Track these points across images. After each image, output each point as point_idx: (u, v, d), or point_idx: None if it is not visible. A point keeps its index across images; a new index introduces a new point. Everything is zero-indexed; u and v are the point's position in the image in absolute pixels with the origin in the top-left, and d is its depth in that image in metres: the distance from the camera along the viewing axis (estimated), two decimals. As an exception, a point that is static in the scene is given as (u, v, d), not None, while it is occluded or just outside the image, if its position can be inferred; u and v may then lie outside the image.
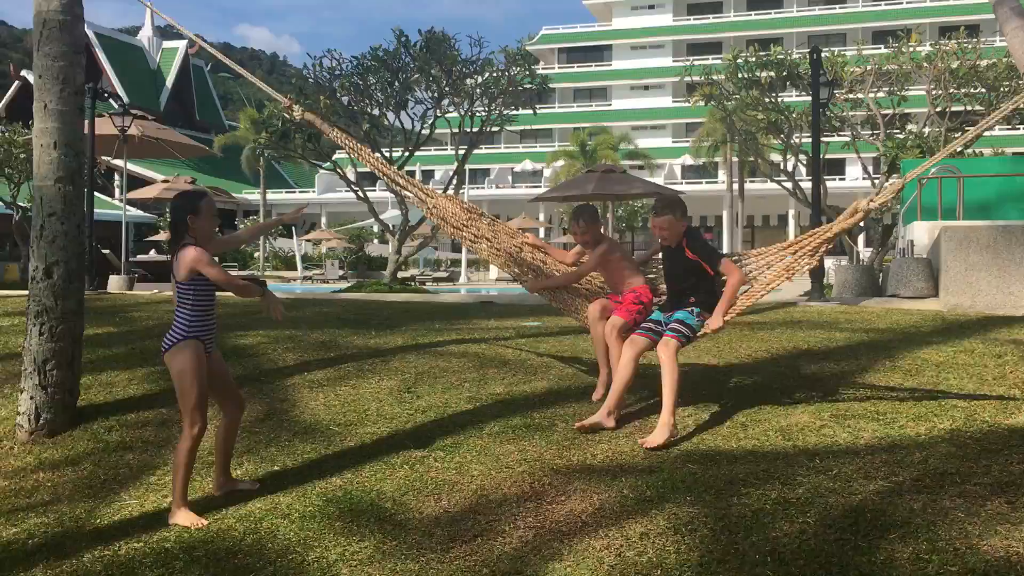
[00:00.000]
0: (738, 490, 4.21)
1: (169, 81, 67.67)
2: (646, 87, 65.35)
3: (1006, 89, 20.74)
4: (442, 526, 4.13)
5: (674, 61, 61.54)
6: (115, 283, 13.57)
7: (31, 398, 5.82)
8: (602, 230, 5.72)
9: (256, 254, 50.96)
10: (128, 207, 47.35)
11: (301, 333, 8.26)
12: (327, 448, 5.25)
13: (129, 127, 14.07)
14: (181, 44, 68.25)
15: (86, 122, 13.51)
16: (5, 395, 6.73)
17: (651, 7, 67.34)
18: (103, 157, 20.47)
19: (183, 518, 4.42)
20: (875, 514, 3.83)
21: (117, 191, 53.06)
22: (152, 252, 28.96)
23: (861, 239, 21.14)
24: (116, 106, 15.20)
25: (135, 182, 43.95)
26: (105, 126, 14.22)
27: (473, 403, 5.87)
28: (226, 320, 9.00)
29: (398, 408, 5.86)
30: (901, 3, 60.73)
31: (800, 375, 6.13)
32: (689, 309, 5.22)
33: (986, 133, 23.00)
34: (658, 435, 4.86)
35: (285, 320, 9.08)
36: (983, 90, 20.14)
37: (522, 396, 5.97)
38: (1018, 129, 36.37)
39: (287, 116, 20.49)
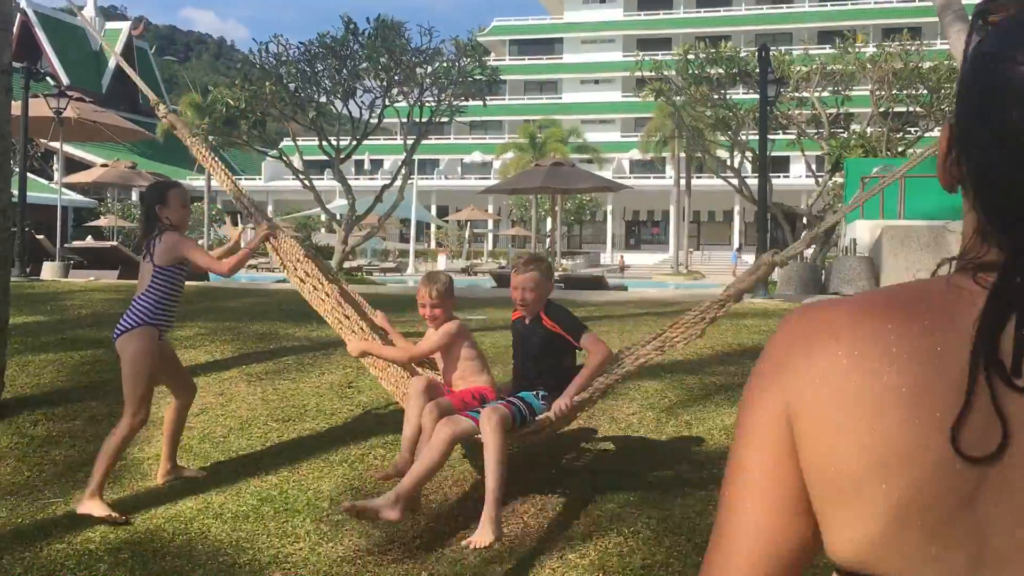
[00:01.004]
0: (682, 491, 4.17)
1: (112, 63, 65.98)
2: (596, 81, 65.62)
3: (947, 91, 21.18)
4: (380, 527, 4.02)
5: (624, 56, 61.83)
6: (49, 270, 13.13)
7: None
8: (454, 306, 4.51)
9: (200, 242, 50.00)
10: (66, 191, 46.04)
11: (241, 324, 8.05)
12: (263, 445, 5.10)
13: (65, 109, 13.62)
14: (124, 25, 66.62)
15: (16, 103, 13.07)
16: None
17: (602, 1, 67.58)
18: (40, 140, 19.85)
19: (96, 508, 4.24)
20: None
21: (56, 174, 51.66)
22: (89, 238, 28.21)
23: (804, 235, 21.46)
24: (53, 86, 14.72)
25: (76, 165, 42.79)
26: (40, 107, 13.74)
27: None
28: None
29: (338, 403, 5.72)
30: (846, 4, 61.84)
31: (744, 372, 6.12)
32: (535, 392, 4.17)
33: (926, 134, 23.51)
34: (482, 534, 3.61)
35: (223, 310, 8.88)
36: (925, 92, 20.54)
37: (466, 392, 5.86)
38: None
39: (231, 103, 20.13)
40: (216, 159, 5.33)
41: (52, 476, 4.90)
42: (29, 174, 41.75)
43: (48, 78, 18.29)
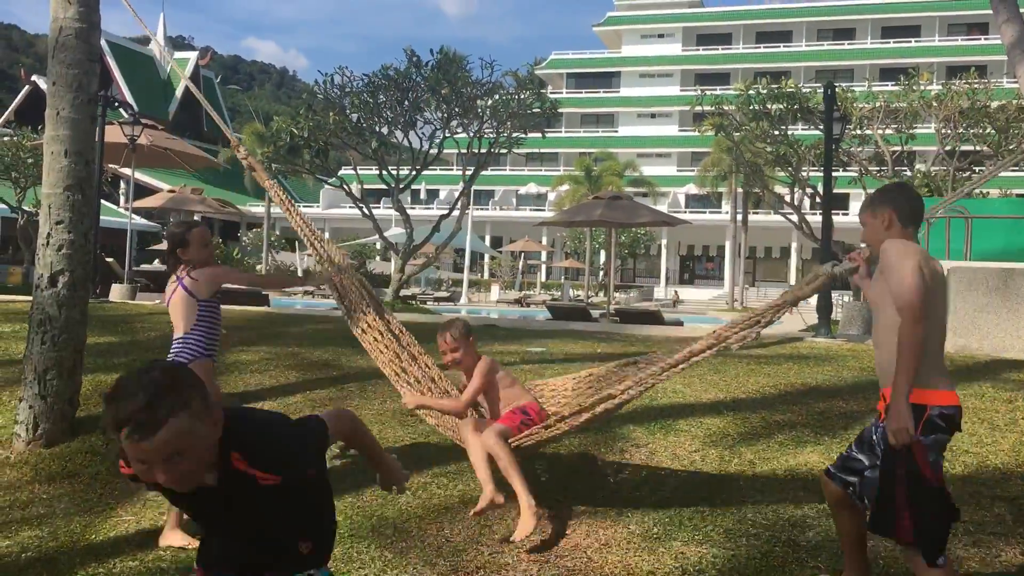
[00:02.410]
0: (747, 531, 4.13)
1: (178, 92, 67.94)
2: (653, 115, 65.67)
3: (1015, 130, 20.78)
4: (444, 556, 4.05)
5: (682, 90, 61.91)
6: (117, 292, 13.50)
7: (30, 407, 5.75)
8: (475, 345, 4.70)
9: (258, 267, 50.98)
10: (134, 216, 47.30)
11: (304, 350, 8.18)
12: (329, 469, 5.16)
13: (139, 136, 14.06)
14: (192, 55, 68.65)
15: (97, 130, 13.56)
16: (3, 403, 6.66)
17: (661, 36, 67.79)
18: (110, 165, 20.48)
19: (176, 539, 4.34)
20: (888, 562, 3.76)
21: (122, 199, 53.14)
22: (156, 262, 28.91)
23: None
24: (126, 114, 15.22)
25: (140, 190, 43.99)
26: (114, 134, 14.20)
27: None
28: (238, 335, 8.94)
29: (400, 431, 5.78)
30: (910, 42, 61.11)
31: (809, 412, 6.05)
32: None
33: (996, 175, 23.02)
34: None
35: (286, 336, 9.04)
36: (992, 131, 20.18)
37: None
38: (1022, 170, 36.39)
39: (295, 132, 20.53)
40: (292, 200, 5.40)
41: (124, 493, 5.02)
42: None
43: (119, 107, 18.91)
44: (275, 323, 10.28)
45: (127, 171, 17.80)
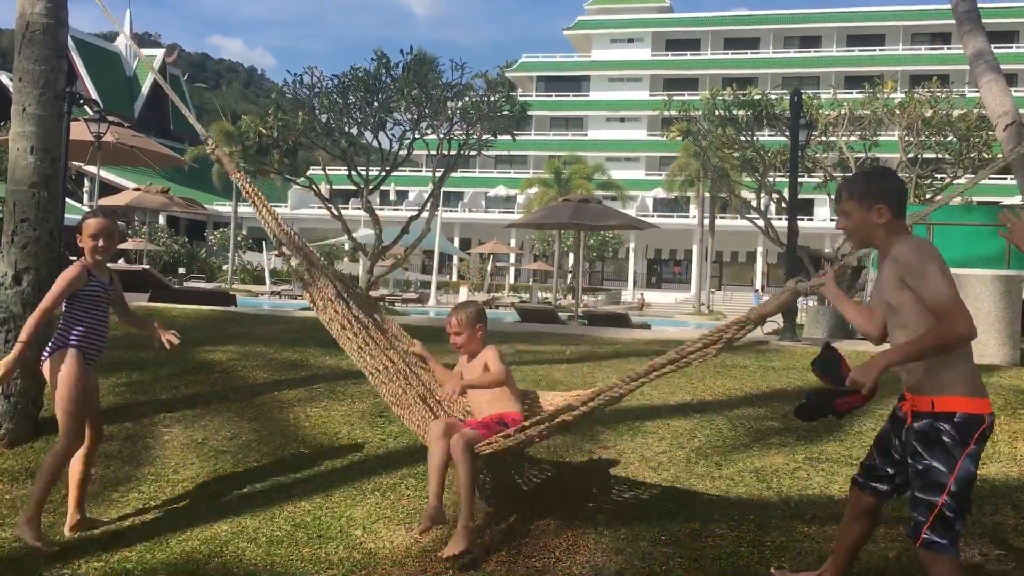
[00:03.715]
0: (713, 531, 4.18)
1: (145, 89, 67.16)
2: (622, 119, 66.02)
3: (976, 139, 21.17)
4: (413, 557, 4.06)
5: (651, 95, 62.37)
6: (81, 291, 13.32)
7: (6, 397, 5.67)
8: (484, 332, 4.55)
9: (224, 267, 50.52)
10: (96, 213, 46.67)
11: (272, 350, 8.14)
12: (296, 471, 5.15)
13: (105, 133, 13.88)
14: (159, 52, 67.91)
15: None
16: (-36, 402, 6.55)
17: (630, 41, 68.21)
18: (75, 162, 20.19)
19: (30, 535, 4.29)
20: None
21: (86, 196, 52.35)
22: (121, 261, 28.55)
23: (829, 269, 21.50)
24: (90, 111, 15.01)
25: (106, 188, 43.39)
26: (80, 131, 13.98)
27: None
28: (194, 334, 8.87)
29: (369, 432, 5.78)
30: (875, 50, 62.03)
31: (774, 415, 6.14)
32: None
33: (954, 182, 23.43)
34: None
35: (253, 336, 8.97)
36: (954, 139, 20.55)
37: (496, 425, 5.89)
38: (985, 180, 36.93)
39: (263, 132, 20.38)
40: (260, 194, 5.21)
41: (89, 494, 4.96)
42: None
43: (85, 104, 18.67)
44: (242, 322, 10.21)
45: (92, 169, 17.56)
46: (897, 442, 3.27)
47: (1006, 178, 40.77)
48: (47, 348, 4.50)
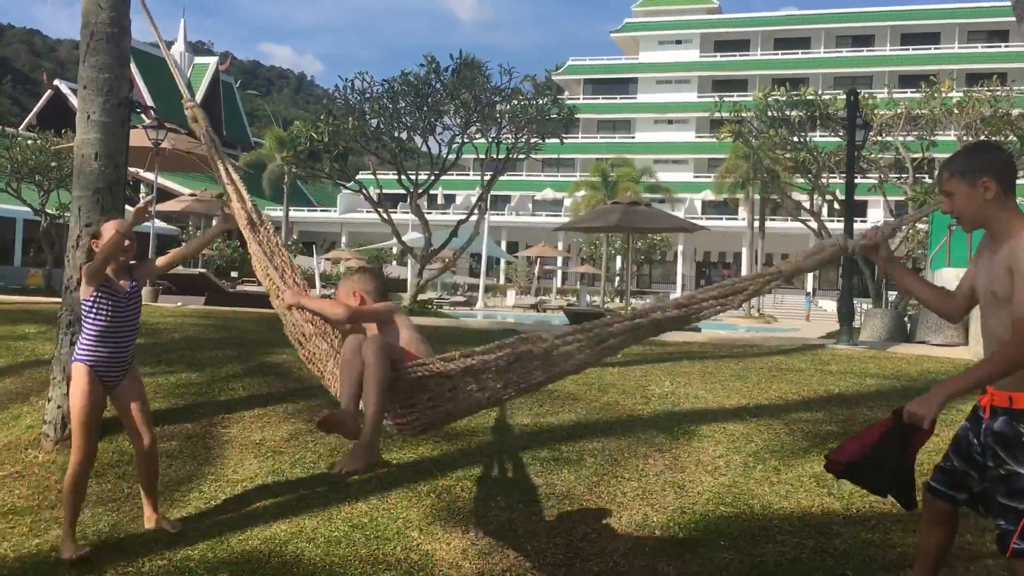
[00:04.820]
0: (773, 537, 4.12)
1: (198, 96, 68.36)
2: (670, 121, 65.57)
3: (1037, 138, 20.58)
4: (469, 559, 4.07)
5: (699, 96, 61.83)
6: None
7: (58, 407, 5.81)
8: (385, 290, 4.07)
9: (275, 270, 51.11)
10: (154, 219, 47.49)
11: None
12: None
13: (163, 140, 14.16)
14: (212, 60, 69.11)
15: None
16: (31, 403, 6.74)
17: (678, 42, 67.73)
18: (132, 169, 20.63)
19: (67, 550, 4.28)
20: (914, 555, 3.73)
21: (141, 201, 53.44)
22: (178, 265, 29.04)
23: (884, 282, 21.07)
24: (146, 119, 15.34)
25: (160, 194, 44.33)
26: (138, 138, 14.31)
27: (499, 433, 5.80)
28: (250, 336, 9.00)
29: (424, 435, 5.79)
30: (930, 49, 60.78)
31: (832, 419, 6.03)
32: None
33: (1018, 183, 22.80)
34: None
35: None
36: (1014, 139, 20.02)
37: (549, 428, 5.89)
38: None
39: (314, 137, 20.61)
40: (224, 160, 4.98)
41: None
42: (118, 201, 43.50)
43: (142, 112, 19.08)
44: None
45: (148, 175, 17.93)
46: (976, 443, 3.05)
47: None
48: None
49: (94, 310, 4.38)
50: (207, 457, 5.56)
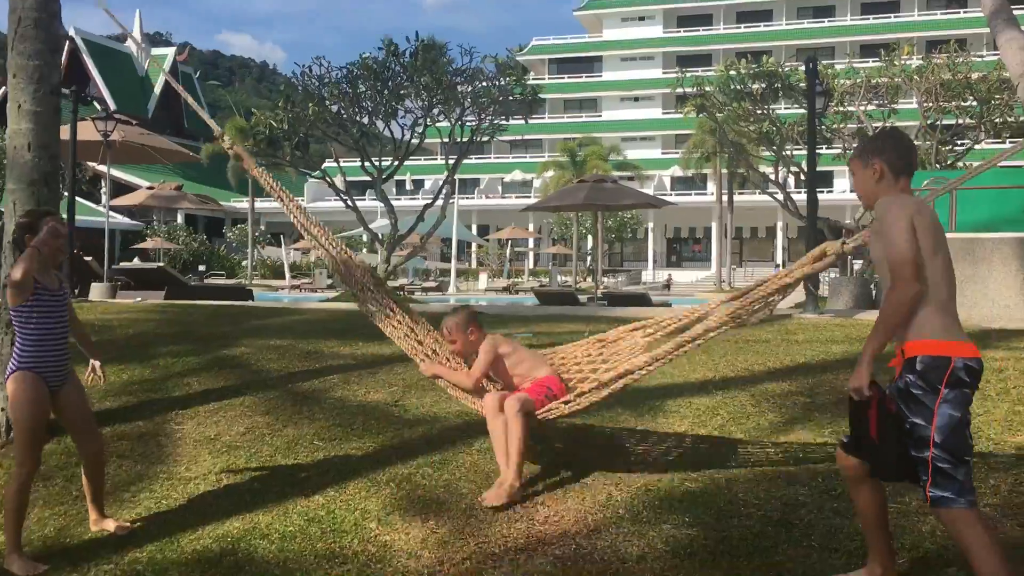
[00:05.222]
0: (738, 511, 4.03)
1: (157, 88, 67.29)
2: (636, 98, 65.45)
3: (998, 102, 20.73)
4: (429, 548, 3.94)
5: (664, 73, 61.72)
6: (97, 291, 13.30)
7: (2, 409, 5.60)
8: (479, 328, 4.80)
9: (244, 263, 50.68)
10: (114, 214, 46.96)
11: (285, 343, 8.04)
12: (309, 463, 5.05)
13: (112, 132, 13.84)
14: (169, 51, 68.08)
15: (67, 126, 13.34)
16: (-24, 406, 6.50)
17: (641, 19, 67.54)
18: (89, 163, 20.22)
19: (17, 566, 4.09)
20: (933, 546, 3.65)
21: (104, 197, 52.69)
22: (136, 260, 28.64)
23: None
24: (100, 110, 14.97)
25: (123, 189, 43.63)
26: (88, 131, 13.97)
27: (462, 418, 5.67)
28: (208, 329, 8.80)
29: (384, 422, 5.66)
30: (889, 17, 61.05)
31: (798, 389, 5.97)
32: None
33: (976, 147, 22.99)
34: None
35: (267, 330, 8.89)
36: (975, 103, 20.13)
37: (512, 410, 5.76)
38: (1006, 142, 36.40)
39: (273, 125, 20.29)
40: (282, 186, 5.11)
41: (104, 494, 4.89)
42: (78, 198, 42.60)
43: (96, 103, 18.65)
44: (257, 315, 10.14)
45: (105, 168, 17.56)
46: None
47: (1029, 141, 40.08)
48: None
49: (33, 314, 4.21)
50: (159, 455, 5.39)
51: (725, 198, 45.08)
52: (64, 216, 7.32)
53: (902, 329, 3.02)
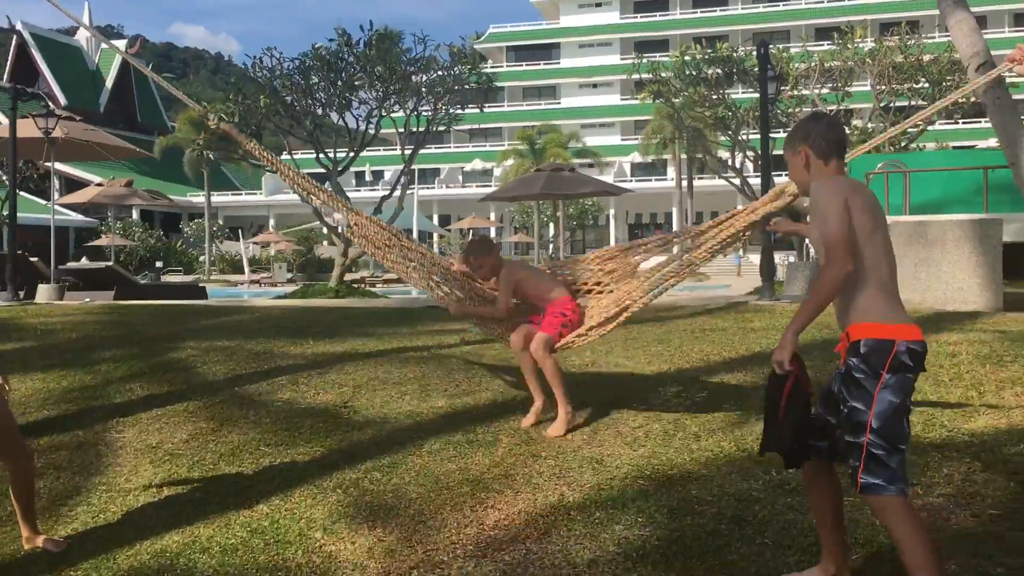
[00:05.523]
0: (692, 509, 3.95)
1: (109, 82, 65.99)
2: (594, 85, 65.48)
3: (949, 83, 20.94)
4: (375, 558, 3.81)
5: (622, 59, 61.78)
6: (44, 292, 12.94)
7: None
8: (497, 254, 5.45)
9: (201, 258, 49.95)
10: (67, 212, 45.96)
11: (234, 343, 7.85)
12: (255, 471, 4.89)
13: (53, 129, 13.44)
14: (121, 44, 66.77)
15: (5, 124, 12.92)
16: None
17: (598, 5, 67.50)
18: (39, 162, 19.70)
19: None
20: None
21: (56, 194, 51.55)
22: (84, 259, 28.05)
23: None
24: (42, 106, 14.53)
25: (76, 185, 42.73)
26: (30, 128, 13.55)
27: (413, 418, 5.54)
28: (153, 330, 8.57)
29: (333, 425, 5.51)
30: (843, 0, 61.60)
31: (754, 379, 5.92)
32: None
33: (929, 128, 23.22)
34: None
35: (216, 329, 8.68)
36: (927, 84, 20.32)
37: (465, 409, 5.66)
38: (959, 124, 36.96)
39: (223, 117, 19.89)
40: (280, 159, 5.61)
41: (37, 510, 4.69)
42: (29, 195, 41.58)
43: (46, 97, 18.17)
44: (207, 314, 9.91)
45: (61, 166, 17.10)
46: (835, 389, 3.03)
47: (980, 121, 40.64)
48: None
49: None
50: (98, 466, 5.19)
51: (685, 183, 45.26)
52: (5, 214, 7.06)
53: (845, 314, 2.98)
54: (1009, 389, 5.44)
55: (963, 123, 44.53)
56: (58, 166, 17.89)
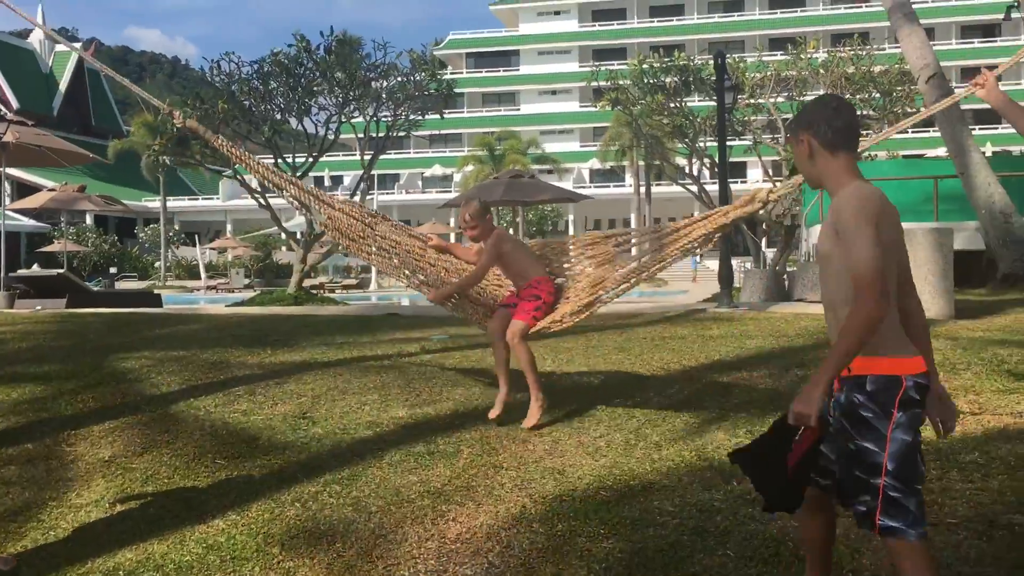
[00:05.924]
0: (654, 520, 3.95)
1: (63, 85, 64.79)
2: (554, 92, 65.77)
3: (899, 94, 21.35)
4: (335, 573, 3.75)
5: (580, 66, 62.10)
6: (-7, 300, 12.64)
7: None
8: (491, 220, 5.56)
9: (157, 264, 49.21)
10: (19, 217, 44.98)
11: (189, 353, 7.71)
12: (210, 485, 4.80)
13: (4, 133, 13.13)
14: (76, 47, 65.56)
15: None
16: None
17: (557, 13, 67.83)
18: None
19: None
20: (797, 544, 3.62)
21: (7, 199, 50.38)
22: (35, 266, 27.49)
23: (763, 241, 21.57)
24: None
25: (29, 190, 41.80)
26: (-20, 133, 13.20)
27: (373, 429, 5.49)
28: (106, 340, 8.40)
29: (291, 436, 5.44)
30: (796, 11, 62.63)
31: (713, 387, 5.96)
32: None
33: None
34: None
35: (171, 338, 8.54)
36: (878, 95, 20.71)
37: (425, 419, 5.62)
38: (908, 133, 37.65)
39: (175, 123, 19.65)
40: (249, 154, 5.75)
41: (-17, 526, 4.56)
42: (-24, 200, 40.67)
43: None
44: (163, 323, 9.74)
45: (10, 171, 16.69)
46: (831, 418, 2.79)
47: (929, 131, 41.48)
48: None
49: None
50: (48, 480, 5.05)
51: (643, 190, 45.58)
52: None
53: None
54: (962, 397, 5.53)
55: (912, 132, 45.46)
56: (9, 170, 17.49)
